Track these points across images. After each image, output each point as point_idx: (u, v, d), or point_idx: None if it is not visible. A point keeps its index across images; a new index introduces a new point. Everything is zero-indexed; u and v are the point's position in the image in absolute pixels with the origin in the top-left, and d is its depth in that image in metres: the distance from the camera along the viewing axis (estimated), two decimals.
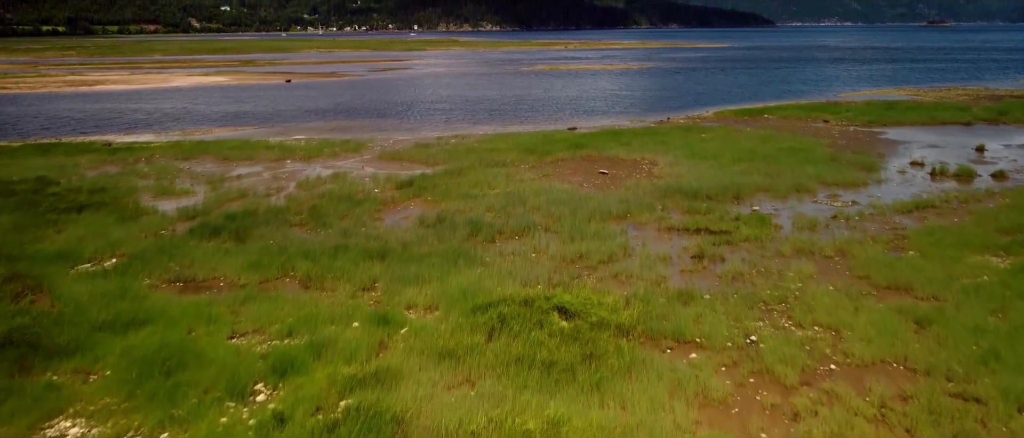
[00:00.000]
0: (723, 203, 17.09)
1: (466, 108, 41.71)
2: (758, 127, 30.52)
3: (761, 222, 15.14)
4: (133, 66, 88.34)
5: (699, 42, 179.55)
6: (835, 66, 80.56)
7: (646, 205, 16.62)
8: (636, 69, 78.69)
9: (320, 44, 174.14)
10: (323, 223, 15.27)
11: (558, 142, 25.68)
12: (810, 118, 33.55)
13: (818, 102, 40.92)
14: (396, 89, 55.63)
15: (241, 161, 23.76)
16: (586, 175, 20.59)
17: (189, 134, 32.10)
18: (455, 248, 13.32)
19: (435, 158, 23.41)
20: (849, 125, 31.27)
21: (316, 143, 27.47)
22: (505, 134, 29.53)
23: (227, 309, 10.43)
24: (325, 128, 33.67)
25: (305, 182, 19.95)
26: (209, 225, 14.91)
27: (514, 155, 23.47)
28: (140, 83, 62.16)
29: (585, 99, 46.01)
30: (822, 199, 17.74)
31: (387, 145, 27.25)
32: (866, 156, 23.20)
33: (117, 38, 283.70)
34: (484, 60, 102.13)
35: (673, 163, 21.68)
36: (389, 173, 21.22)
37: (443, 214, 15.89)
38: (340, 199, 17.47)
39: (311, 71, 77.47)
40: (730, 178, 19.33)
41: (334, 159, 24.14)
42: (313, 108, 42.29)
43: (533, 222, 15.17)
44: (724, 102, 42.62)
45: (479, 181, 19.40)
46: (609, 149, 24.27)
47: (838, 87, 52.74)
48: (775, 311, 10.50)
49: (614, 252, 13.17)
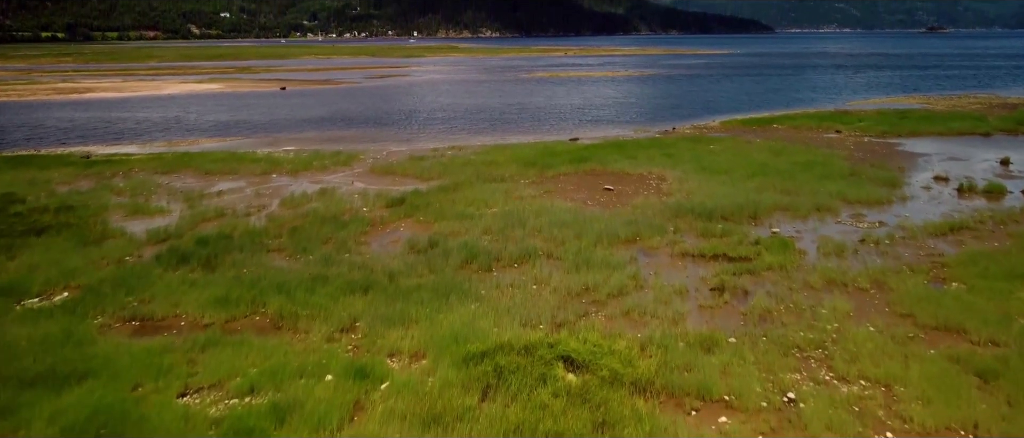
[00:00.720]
0: (740, 224, 15.76)
1: (464, 117, 40.45)
2: (768, 138, 29.23)
3: (784, 247, 13.81)
4: (128, 73, 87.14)
5: (700, 49, 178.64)
6: (840, 73, 79.41)
7: (656, 227, 15.28)
8: (637, 76, 77.53)
9: (318, 51, 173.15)
10: (304, 248, 13.92)
11: (560, 155, 24.37)
12: (821, 128, 32.25)
13: (827, 111, 39.65)
14: (393, 97, 54.39)
15: (224, 175, 22.43)
16: (590, 192, 19.26)
17: (175, 145, 30.79)
18: (447, 279, 11.97)
19: (430, 172, 22.09)
20: (863, 136, 29.98)
21: (306, 155, 26.16)
22: (504, 145, 28.23)
23: (183, 357, 9.08)
24: (317, 138, 32.36)
25: (289, 199, 18.62)
26: (178, 251, 13.57)
27: (513, 169, 22.16)
28: (132, 91, 60.90)
29: (587, 107, 44.75)
30: (846, 219, 16.41)
31: (380, 157, 25.94)
32: (886, 170, 21.89)
33: (115, 44, 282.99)
34: (483, 67, 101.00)
35: (682, 178, 20.36)
36: (380, 189, 19.90)
37: (436, 237, 14.55)
38: (325, 219, 16.13)
39: (307, 78, 76.26)
40: (745, 195, 18.00)
41: (323, 173, 22.82)
42: (306, 117, 41.01)
43: (534, 247, 13.83)
44: (730, 111, 41.34)
45: (476, 199, 18.07)
46: (614, 162, 22.95)
47: (845, 95, 51.50)
48: (812, 359, 9.15)
49: (624, 284, 11.83)
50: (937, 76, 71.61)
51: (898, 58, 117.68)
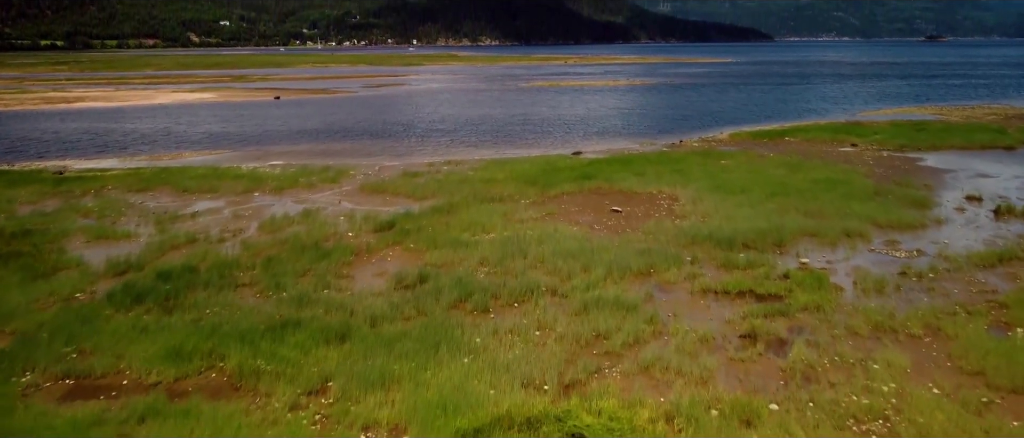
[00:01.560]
0: (764, 253, 14.23)
1: (461, 129, 38.99)
2: (782, 152, 27.74)
3: (817, 282, 12.27)
4: (121, 82, 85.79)
5: (701, 57, 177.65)
6: (846, 83, 78.09)
7: (672, 257, 13.75)
8: (640, 85, 76.21)
9: (316, 59, 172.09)
10: (277, 283, 12.37)
11: (563, 171, 22.86)
12: (836, 141, 30.77)
13: (840, 123, 38.19)
14: (389, 107, 52.97)
15: (202, 194, 20.90)
16: (596, 214, 17.74)
17: (156, 159, 29.28)
18: (438, 324, 10.43)
19: (423, 190, 20.58)
20: (880, 149, 28.50)
21: (293, 171, 24.67)
22: (503, 160, 26.74)
23: (115, 432, 7.52)
24: (307, 152, 30.87)
25: (269, 222, 17.08)
26: (135, 287, 12.02)
27: (513, 187, 20.64)
28: (122, 100, 59.48)
29: (589, 118, 43.30)
30: (879, 247, 14.88)
31: (371, 173, 24.44)
32: (913, 189, 20.38)
33: (114, 53, 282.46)
34: (482, 75, 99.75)
35: (696, 198, 18.83)
36: (368, 210, 18.37)
37: (426, 270, 13.01)
38: (305, 247, 14.59)
39: (303, 87, 74.89)
40: (766, 219, 16.48)
41: (309, 191, 21.29)
42: (298, 128, 39.55)
43: (536, 282, 12.29)
44: (738, 122, 39.90)
45: (472, 222, 16.54)
46: (621, 180, 21.43)
47: (855, 105, 50.09)
48: (874, 435, 7.59)
49: (640, 330, 10.29)
50: (946, 86, 70.28)
51: (903, 67, 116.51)
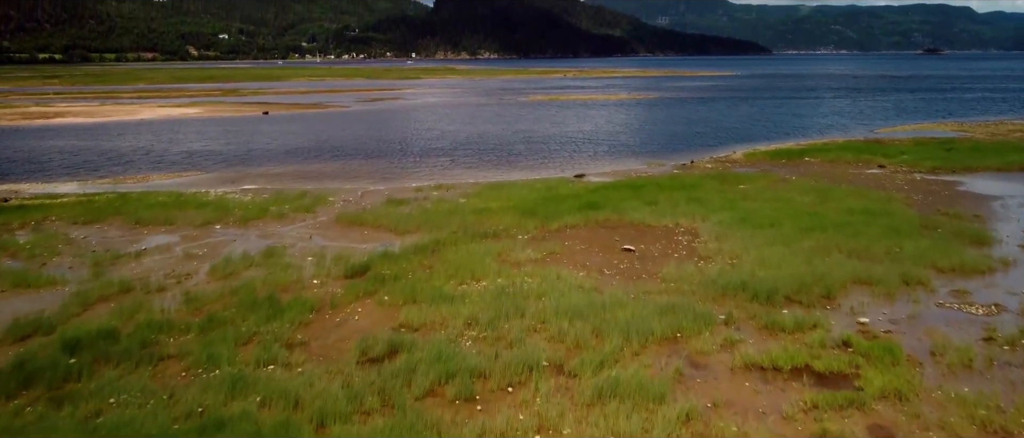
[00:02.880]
0: (812, 309, 11.73)
1: (456, 147, 36.59)
2: (804, 175, 25.32)
3: (889, 354, 9.76)
4: (109, 96, 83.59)
5: (702, 71, 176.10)
6: (857, 97, 75.89)
7: (701, 315, 11.23)
8: (642, 100, 74.01)
9: (313, 72, 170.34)
10: (211, 356, 9.83)
11: (565, 199, 20.39)
12: (860, 162, 28.37)
13: (859, 141, 35.84)
14: (382, 123, 50.64)
15: (157, 226, 18.39)
16: (605, 254, 15.24)
17: (120, 182, 26.82)
18: (407, 426, 7.89)
19: (408, 223, 18.08)
20: (912, 172, 26.09)
21: (265, 197, 22.21)
22: (499, 184, 24.29)
23: None
24: (286, 174, 28.42)
25: (223, 265, 14.57)
26: (31, 362, 9.50)
27: (509, 219, 18.15)
28: (104, 115, 57.15)
29: (592, 136, 40.93)
30: (947, 299, 12.38)
31: (352, 200, 21.98)
32: (964, 221, 17.92)
33: (110, 66, 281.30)
34: (480, 89, 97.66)
35: (719, 234, 16.35)
36: (341, 248, 15.88)
37: (400, 336, 10.50)
38: (256, 301, 12.06)
39: (295, 102, 72.65)
40: (806, 262, 13.98)
41: (279, 223, 18.80)
42: (283, 146, 37.14)
43: (536, 355, 9.77)
44: (751, 140, 37.55)
45: (460, 266, 14.03)
46: (631, 210, 18.94)
47: (870, 121, 47.81)
48: None
49: (676, 435, 7.75)
50: (961, 100, 68.09)
51: (911, 80, 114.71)
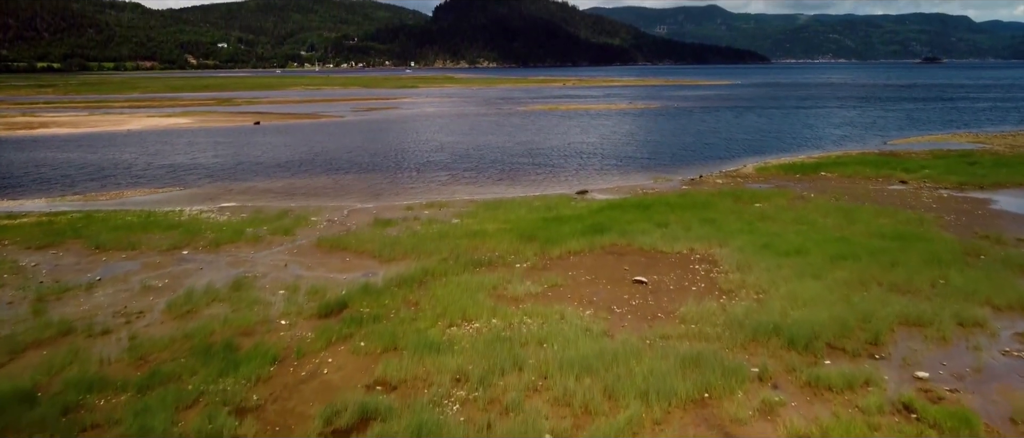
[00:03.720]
0: (859, 358, 10.05)
1: (451, 160, 34.93)
2: (823, 191, 23.65)
3: (966, 426, 8.07)
4: (100, 105, 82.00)
5: (703, 79, 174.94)
6: (864, 106, 74.37)
7: (732, 370, 9.51)
8: (644, 109, 72.45)
9: (310, 81, 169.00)
10: (143, 430, 8.10)
11: (568, 220, 18.69)
12: (880, 177, 26.71)
13: (873, 153, 34.21)
14: (376, 134, 49.01)
15: (117, 252, 16.67)
16: (615, 286, 13.53)
17: (92, 199, 25.11)
18: None
19: (394, 248, 16.36)
20: (936, 188, 24.44)
21: (243, 217, 20.51)
22: (496, 202, 22.60)
23: None
24: (271, 189, 26.74)
25: (183, 300, 12.85)
26: None
27: (506, 244, 16.45)
28: (90, 126, 55.48)
29: (594, 148, 39.30)
30: (1013, 345, 10.70)
31: (337, 220, 20.28)
32: (1008, 246, 16.24)
33: (108, 75, 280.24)
34: (479, 98, 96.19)
35: (741, 263, 14.64)
36: (318, 279, 14.16)
37: (373, 400, 8.78)
38: (210, 349, 10.34)
39: (289, 112, 71.06)
40: (843, 297, 12.29)
41: (253, 247, 17.08)
42: (271, 159, 35.48)
43: (537, 424, 8.07)
44: (761, 152, 35.92)
45: (450, 303, 12.31)
46: (640, 233, 17.24)
47: (881, 132, 46.22)
48: None
49: None
50: (972, 110, 66.58)
51: (915, 89, 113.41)
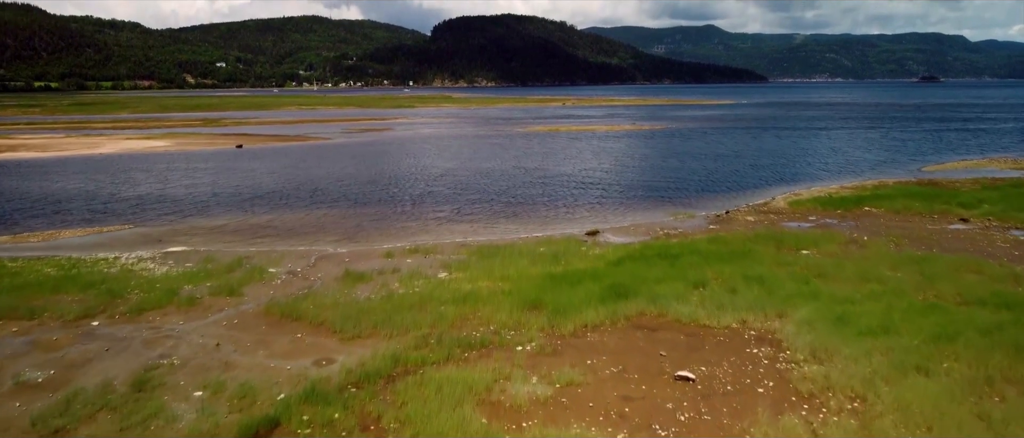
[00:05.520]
0: None
1: (442, 190, 31.42)
2: (877, 233, 20.09)
3: None
4: (81, 126, 78.72)
5: (704, 99, 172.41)
6: (879, 128, 71.12)
7: None
8: (649, 131, 69.16)
9: (305, 101, 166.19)
10: None
11: (580, 278, 15.06)
12: (935, 214, 23.18)
13: (912, 183, 30.72)
14: (364, 159, 45.55)
15: (9, 322, 13.02)
16: (651, 385, 9.92)
17: (19, 240, 21.50)
18: None
19: (361, 320, 12.75)
20: (1005, 227, 20.91)
21: (186, 268, 16.92)
22: (492, 247, 19.00)
23: None
24: (231, 228, 23.16)
25: (59, 410, 9.26)
26: None
27: (504, 314, 12.84)
28: (62, 149, 52.02)
29: (601, 175, 35.82)
30: None
31: (299, 271, 16.69)
32: None
33: (101, 94, 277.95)
34: (477, 119, 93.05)
35: (814, 346, 11.02)
36: (252, 371, 10.55)
37: None
38: None
39: (277, 133, 67.71)
40: (974, 409, 8.71)
41: (185, 314, 13.46)
42: (244, 188, 31.93)
43: None
44: (786, 180, 32.49)
45: (424, 424, 8.68)
46: (673, 297, 13.61)
47: (910, 156, 42.87)
48: None
49: None
50: (998, 131, 63.43)
51: (926, 109, 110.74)
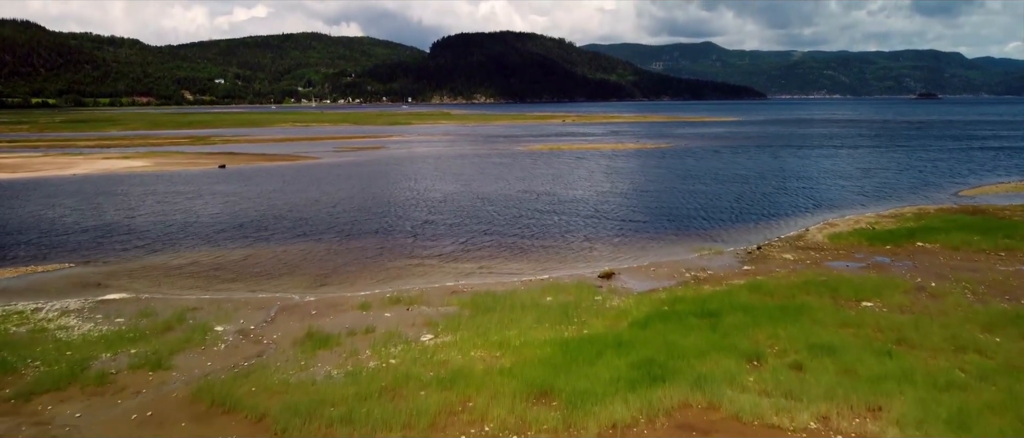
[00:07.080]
0: None
1: (433, 220, 28.30)
2: (942, 277, 16.97)
3: None
4: (63, 144, 75.80)
5: (706, 116, 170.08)
6: (897, 147, 68.13)
7: None
8: (653, 150, 66.21)
9: (301, 117, 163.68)
10: None
11: (600, 347, 11.88)
12: (1001, 251, 20.06)
13: (955, 210, 27.66)
14: (353, 181, 42.49)
15: None
16: None
17: None
18: None
19: (315, 414, 9.56)
20: None
21: (113, 326, 13.76)
22: (489, 296, 15.84)
23: None
24: (187, 267, 20.01)
25: None
26: None
27: (503, 407, 9.65)
28: (34, 169, 48.95)
29: (611, 199, 32.75)
30: None
31: (252, 330, 13.53)
32: None
33: (102, 110, 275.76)
34: (475, 136, 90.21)
35: None
36: None
37: None
38: None
39: (264, 152, 64.72)
40: None
41: (85, 402, 10.29)
42: (217, 216, 28.82)
43: None
44: (821, 208, 29.44)
45: None
46: (724, 378, 10.42)
47: (942, 179, 39.87)
48: None
49: None
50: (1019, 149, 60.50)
51: (935, 126, 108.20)
